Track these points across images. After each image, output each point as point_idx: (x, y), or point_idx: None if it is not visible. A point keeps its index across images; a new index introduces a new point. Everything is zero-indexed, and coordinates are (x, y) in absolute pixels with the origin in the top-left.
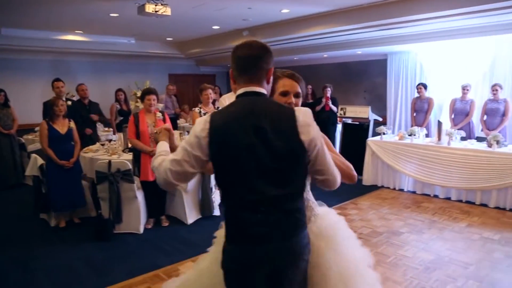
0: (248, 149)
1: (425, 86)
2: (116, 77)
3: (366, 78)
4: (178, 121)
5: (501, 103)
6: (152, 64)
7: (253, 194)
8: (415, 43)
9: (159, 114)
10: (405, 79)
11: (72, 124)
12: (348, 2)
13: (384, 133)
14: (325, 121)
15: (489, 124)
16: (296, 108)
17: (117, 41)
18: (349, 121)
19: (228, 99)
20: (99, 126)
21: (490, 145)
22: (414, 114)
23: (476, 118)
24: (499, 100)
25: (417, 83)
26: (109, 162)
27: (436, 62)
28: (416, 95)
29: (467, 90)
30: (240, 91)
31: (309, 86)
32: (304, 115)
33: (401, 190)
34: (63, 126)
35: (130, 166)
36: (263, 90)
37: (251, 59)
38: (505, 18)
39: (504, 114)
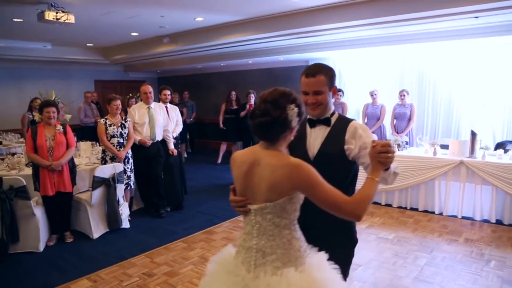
0: None
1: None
2: (34, 84)
3: (291, 83)
4: None
5: (408, 107)
6: (74, 71)
7: None
8: (332, 51)
9: (59, 127)
10: None
11: None
12: (259, 11)
13: None
14: (250, 127)
15: (398, 128)
16: None
17: (31, 47)
18: None
19: (137, 110)
20: (12, 137)
21: None
22: None
23: (387, 122)
24: (406, 105)
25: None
26: (0, 179)
27: (352, 69)
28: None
29: (375, 95)
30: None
31: (233, 92)
32: None
33: None
34: None
35: (24, 182)
36: None
37: None
38: (411, 29)
39: (410, 118)
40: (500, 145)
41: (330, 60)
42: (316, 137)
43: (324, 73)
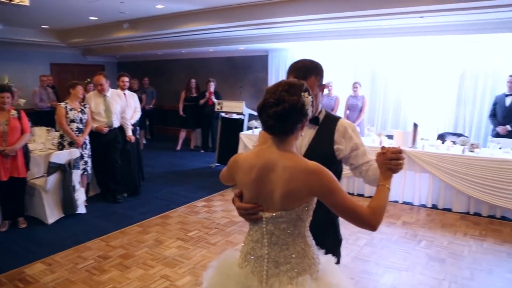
0: None
1: None
2: None
3: (251, 73)
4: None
5: (360, 99)
6: (30, 53)
7: None
8: (290, 42)
9: (13, 112)
10: (284, 75)
11: None
12: (219, 1)
13: (256, 127)
14: (209, 115)
15: (350, 118)
16: None
17: None
18: (234, 115)
19: (93, 98)
20: None
21: None
22: None
23: (341, 113)
24: (358, 97)
25: None
26: None
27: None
28: None
29: (330, 86)
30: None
31: (193, 80)
32: None
33: None
34: None
35: None
36: None
37: None
38: (363, 25)
39: (361, 109)
40: (440, 137)
41: (289, 51)
42: (303, 137)
43: (315, 73)
